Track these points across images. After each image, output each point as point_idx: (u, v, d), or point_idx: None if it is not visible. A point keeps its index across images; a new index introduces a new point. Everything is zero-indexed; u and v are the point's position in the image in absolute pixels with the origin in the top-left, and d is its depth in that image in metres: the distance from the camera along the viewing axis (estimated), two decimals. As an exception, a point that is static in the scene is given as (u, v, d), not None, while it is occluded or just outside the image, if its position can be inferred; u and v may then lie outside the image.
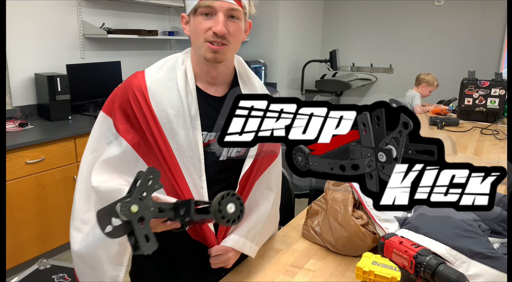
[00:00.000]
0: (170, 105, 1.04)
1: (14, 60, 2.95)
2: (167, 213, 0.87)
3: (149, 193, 0.83)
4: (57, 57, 3.23)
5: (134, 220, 0.80)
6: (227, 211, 0.85)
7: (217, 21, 0.98)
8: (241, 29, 1.04)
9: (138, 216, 0.81)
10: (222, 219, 0.85)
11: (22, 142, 2.47)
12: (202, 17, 1.00)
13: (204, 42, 1.01)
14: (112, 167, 1.07)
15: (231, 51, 1.05)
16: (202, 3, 0.99)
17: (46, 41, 3.14)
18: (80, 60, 3.40)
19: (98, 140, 1.10)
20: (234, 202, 0.87)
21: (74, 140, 2.77)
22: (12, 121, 2.80)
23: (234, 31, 1.01)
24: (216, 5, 0.98)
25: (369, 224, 1.27)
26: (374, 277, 1.07)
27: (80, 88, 3.24)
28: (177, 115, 1.04)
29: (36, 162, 2.55)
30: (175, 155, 1.04)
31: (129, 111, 1.06)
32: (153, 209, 0.83)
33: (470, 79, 3.31)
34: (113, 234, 0.80)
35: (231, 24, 1.01)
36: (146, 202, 0.82)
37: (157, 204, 0.84)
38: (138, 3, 3.72)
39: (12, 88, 2.97)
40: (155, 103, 1.04)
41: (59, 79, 2.94)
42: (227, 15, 1.00)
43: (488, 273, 1.02)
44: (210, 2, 0.98)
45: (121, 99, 1.07)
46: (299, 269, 1.20)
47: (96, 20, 3.47)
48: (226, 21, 1.00)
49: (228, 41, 1.01)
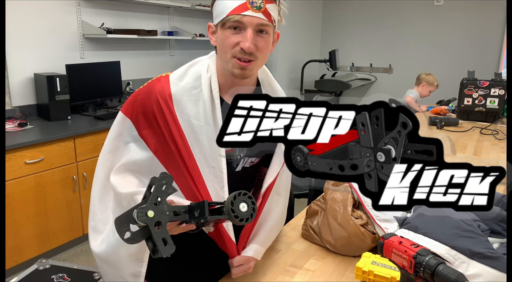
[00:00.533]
0: (195, 115, 1.03)
1: (13, 60, 2.94)
2: (182, 216, 0.89)
3: (164, 198, 0.86)
4: (57, 57, 3.22)
5: (151, 225, 0.82)
6: (240, 211, 0.87)
7: (245, 37, 0.96)
8: (269, 43, 1.03)
9: (155, 220, 0.83)
10: (235, 219, 0.87)
11: (22, 142, 2.47)
12: (230, 31, 0.98)
13: (231, 57, 0.99)
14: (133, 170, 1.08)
15: (258, 66, 1.04)
16: (231, 17, 0.96)
17: (45, 41, 3.14)
18: (79, 60, 3.40)
19: (116, 140, 1.09)
20: (246, 201, 0.89)
21: (74, 140, 2.77)
22: (12, 121, 2.80)
23: (263, 47, 1.00)
24: (245, 21, 0.96)
25: (369, 224, 1.27)
26: (373, 277, 1.07)
27: (80, 88, 3.24)
28: (200, 126, 1.03)
29: (36, 162, 2.55)
30: (198, 165, 1.03)
31: (152, 117, 1.05)
32: (169, 213, 0.86)
33: (470, 79, 3.31)
34: (132, 240, 0.83)
35: (260, 39, 0.99)
36: (162, 207, 0.85)
37: (172, 207, 0.87)
38: (137, 3, 3.72)
39: (12, 88, 2.96)
40: (179, 113, 1.03)
41: (59, 79, 2.94)
42: (256, 30, 0.98)
43: (487, 273, 1.02)
44: (239, 17, 0.95)
45: (144, 104, 1.06)
46: (299, 269, 1.20)
47: (95, 20, 3.47)
48: (255, 36, 0.98)
49: (256, 57, 1.00)
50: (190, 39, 4.18)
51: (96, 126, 2.94)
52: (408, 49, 5.55)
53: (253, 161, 1.14)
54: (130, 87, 3.82)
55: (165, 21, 4.17)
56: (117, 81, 3.60)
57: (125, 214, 0.84)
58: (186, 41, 4.37)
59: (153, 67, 4.05)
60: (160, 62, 4.15)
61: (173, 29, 4.20)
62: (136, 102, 1.07)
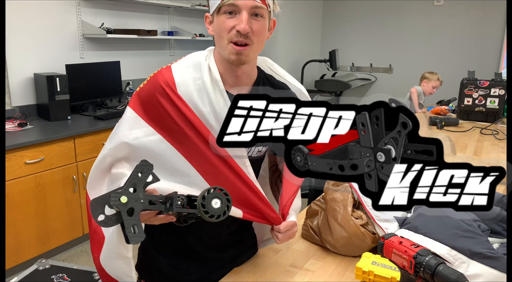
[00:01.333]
0: (202, 104, 1.04)
1: (13, 60, 2.94)
2: (158, 206, 0.88)
3: (140, 185, 0.85)
4: (56, 57, 3.22)
5: (123, 211, 0.83)
6: (211, 206, 0.86)
7: (240, 20, 0.97)
8: (265, 27, 1.03)
9: (128, 207, 0.83)
10: (205, 214, 0.85)
11: (22, 142, 2.47)
12: (226, 15, 0.99)
13: (228, 43, 1.00)
14: None
15: (255, 51, 1.03)
16: (225, 1, 0.97)
17: (45, 41, 3.14)
18: (79, 60, 3.40)
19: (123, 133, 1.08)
20: (220, 197, 0.87)
21: (74, 140, 2.77)
22: (12, 121, 2.80)
23: (258, 30, 1.00)
24: (239, 3, 0.97)
25: (369, 224, 1.27)
26: (373, 277, 1.07)
27: (80, 88, 3.24)
28: (209, 113, 1.04)
29: (36, 162, 2.55)
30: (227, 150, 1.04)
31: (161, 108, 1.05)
32: (143, 201, 0.85)
33: (470, 79, 3.31)
34: (105, 223, 0.83)
35: (255, 22, 1.00)
36: (137, 194, 0.85)
37: (148, 196, 0.86)
38: (137, 3, 3.72)
39: (12, 88, 2.96)
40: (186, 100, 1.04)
41: (59, 79, 2.94)
42: (251, 13, 0.98)
43: (487, 273, 1.02)
44: (233, 0, 0.97)
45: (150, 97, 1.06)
46: (299, 269, 1.20)
47: (95, 20, 3.47)
48: (250, 19, 0.98)
49: (252, 41, 1.00)
50: (190, 39, 4.18)
51: (96, 126, 2.94)
52: (408, 49, 5.55)
53: (260, 151, 1.14)
54: (130, 87, 3.82)
55: (165, 21, 4.17)
56: (117, 81, 3.60)
57: (101, 196, 0.84)
58: (186, 41, 4.37)
59: (153, 67, 4.03)
60: (160, 62, 4.15)
61: (173, 29, 4.20)
62: (142, 98, 1.08)
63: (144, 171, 0.87)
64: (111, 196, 0.82)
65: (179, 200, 0.88)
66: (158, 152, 1.07)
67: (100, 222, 0.83)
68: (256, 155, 1.14)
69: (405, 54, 5.57)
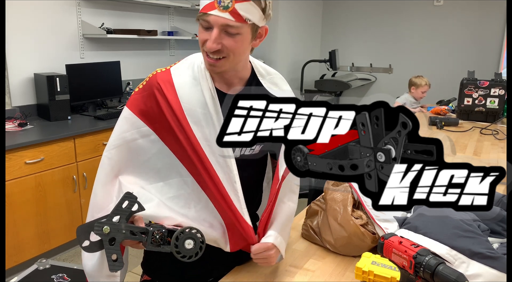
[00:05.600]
0: (198, 104, 1.05)
1: (13, 60, 2.94)
2: (138, 237, 0.92)
3: (123, 216, 0.90)
4: (57, 57, 3.22)
5: (105, 240, 0.88)
6: (184, 247, 0.90)
7: (210, 36, 0.97)
8: (242, 42, 1.01)
9: (109, 237, 0.88)
10: (177, 254, 0.90)
11: (22, 142, 2.47)
12: (202, 27, 1.00)
13: (204, 52, 1.02)
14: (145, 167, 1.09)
15: (231, 62, 1.02)
16: (201, 15, 0.98)
17: (45, 41, 3.14)
18: (79, 60, 3.40)
19: (122, 136, 1.09)
20: (193, 238, 0.91)
21: (74, 140, 2.77)
22: (12, 121, 2.80)
23: (231, 45, 0.99)
24: (211, 20, 0.96)
25: (369, 224, 1.27)
26: (373, 277, 1.07)
27: (80, 88, 3.24)
28: (204, 113, 1.05)
29: (36, 162, 2.55)
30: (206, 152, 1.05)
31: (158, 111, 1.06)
32: (125, 232, 0.90)
33: (470, 79, 3.31)
34: (89, 249, 0.89)
35: (228, 39, 0.98)
36: (119, 225, 0.89)
37: (129, 227, 0.91)
38: (137, 3, 3.72)
39: (12, 88, 2.96)
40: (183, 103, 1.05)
41: (59, 79, 2.94)
42: (223, 30, 0.97)
43: (487, 273, 1.02)
44: (206, 16, 0.96)
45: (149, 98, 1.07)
46: (299, 269, 1.20)
47: (95, 20, 3.47)
48: (223, 35, 0.97)
49: (226, 54, 1.00)
50: (190, 39, 4.18)
51: (96, 126, 2.94)
52: (408, 49, 5.55)
53: (252, 149, 1.13)
54: (130, 87, 3.82)
55: (165, 21, 4.17)
56: (117, 81, 3.60)
57: (88, 223, 0.89)
58: (186, 41, 4.37)
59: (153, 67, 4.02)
60: (160, 62, 4.15)
61: (173, 29, 4.20)
62: (142, 99, 1.08)
63: (128, 202, 0.91)
64: (95, 225, 0.87)
65: (157, 234, 0.92)
66: (154, 153, 1.08)
67: (84, 248, 0.88)
68: (248, 153, 1.13)
69: (405, 54, 5.57)
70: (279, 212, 1.16)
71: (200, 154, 1.04)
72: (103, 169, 1.10)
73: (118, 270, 0.88)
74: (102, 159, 1.10)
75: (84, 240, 0.89)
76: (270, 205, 1.11)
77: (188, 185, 1.07)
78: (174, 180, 1.08)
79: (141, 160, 1.09)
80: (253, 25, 1.00)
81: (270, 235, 1.10)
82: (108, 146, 1.10)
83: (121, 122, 1.10)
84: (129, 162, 1.10)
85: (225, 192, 1.05)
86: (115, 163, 1.09)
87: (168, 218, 1.03)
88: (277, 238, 1.11)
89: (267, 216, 1.11)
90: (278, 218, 1.14)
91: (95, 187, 1.10)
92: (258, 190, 1.26)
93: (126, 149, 1.09)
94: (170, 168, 1.08)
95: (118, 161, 1.09)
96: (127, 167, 1.10)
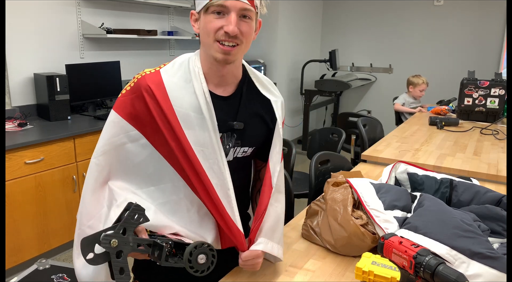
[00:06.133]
0: (191, 108, 1.03)
1: (13, 60, 2.94)
2: (145, 250, 0.92)
3: (131, 229, 0.90)
4: (56, 57, 3.23)
5: (112, 253, 0.87)
6: (197, 262, 0.91)
7: (229, 21, 0.96)
8: (253, 29, 1.03)
9: (117, 250, 0.88)
10: (190, 269, 0.90)
11: (22, 142, 2.47)
12: (214, 15, 0.98)
13: (214, 41, 0.99)
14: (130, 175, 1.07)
15: (242, 51, 1.03)
16: (214, 1, 0.96)
17: (45, 41, 3.14)
18: (79, 60, 3.40)
19: (110, 141, 1.06)
20: (206, 253, 0.92)
21: (74, 140, 2.77)
22: (12, 121, 2.80)
23: (246, 31, 1.00)
24: (229, 5, 0.96)
25: (369, 224, 1.27)
26: (373, 277, 1.07)
27: (79, 88, 3.24)
28: (197, 117, 1.03)
29: (36, 162, 2.55)
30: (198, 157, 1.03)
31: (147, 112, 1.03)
32: (132, 245, 0.89)
33: (470, 79, 3.31)
34: (93, 261, 0.88)
35: (243, 24, 0.99)
36: (127, 238, 0.89)
37: (136, 240, 0.90)
38: (137, 3, 3.72)
39: (12, 88, 2.96)
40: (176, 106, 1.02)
41: (58, 79, 2.94)
42: (239, 14, 0.98)
43: (487, 273, 1.02)
44: (223, 1, 0.96)
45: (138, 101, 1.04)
46: (299, 269, 1.20)
47: (95, 20, 3.47)
48: (238, 21, 0.98)
49: (240, 41, 1.00)
50: (190, 39, 4.18)
51: (96, 126, 2.93)
52: (408, 49, 5.55)
53: (245, 151, 1.13)
54: (130, 87, 3.82)
55: (165, 21, 4.17)
56: (117, 81, 3.60)
57: (93, 235, 0.88)
58: (186, 41, 4.37)
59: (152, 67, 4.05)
60: (160, 62, 4.14)
61: (173, 29, 4.20)
62: (130, 101, 1.05)
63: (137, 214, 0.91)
64: (102, 238, 0.86)
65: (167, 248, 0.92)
66: (144, 158, 1.06)
67: (88, 260, 0.87)
68: (241, 156, 1.13)
69: (405, 54, 5.58)
70: (267, 216, 1.14)
71: (193, 159, 1.02)
72: (92, 176, 1.07)
73: None
74: (90, 165, 1.08)
75: (89, 252, 0.88)
76: (261, 212, 1.10)
77: (180, 190, 1.06)
78: (166, 185, 1.06)
79: (130, 165, 1.06)
80: (256, 15, 1.03)
81: (259, 243, 1.10)
82: (96, 152, 1.07)
83: (108, 127, 1.06)
84: (119, 167, 1.07)
85: (218, 199, 1.04)
86: (104, 169, 1.06)
87: (166, 227, 1.02)
88: (267, 244, 1.11)
89: (259, 225, 1.10)
90: (267, 223, 1.13)
91: (83, 194, 1.07)
92: (249, 191, 1.27)
93: (115, 155, 1.06)
94: (161, 173, 1.06)
95: (107, 167, 1.07)
96: (117, 173, 1.07)
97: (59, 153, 2.69)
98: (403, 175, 1.62)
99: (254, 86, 1.15)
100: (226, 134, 1.08)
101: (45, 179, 2.62)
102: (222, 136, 1.08)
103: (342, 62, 5.96)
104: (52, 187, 2.67)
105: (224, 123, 1.07)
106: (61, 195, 2.74)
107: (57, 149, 2.67)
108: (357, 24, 5.82)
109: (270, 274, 1.17)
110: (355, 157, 3.47)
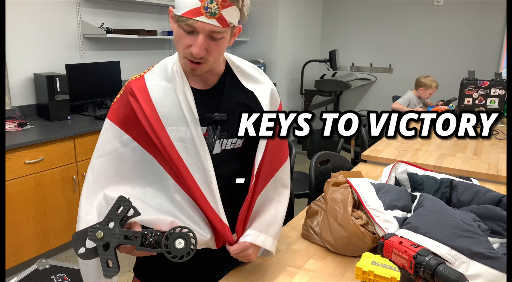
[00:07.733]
0: (173, 106, 1.04)
1: (13, 60, 2.94)
2: (133, 241, 0.90)
3: (117, 221, 0.89)
4: (56, 57, 3.23)
5: (99, 245, 0.87)
6: (174, 247, 0.87)
7: (196, 42, 0.95)
8: (224, 44, 1.01)
9: (103, 242, 0.87)
10: (168, 254, 0.87)
11: (22, 142, 2.47)
12: (183, 31, 0.97)
13: (183, 57, 1.00)
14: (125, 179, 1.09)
15: (211, 65, 1.03)
16: (184, 19, 0.94)
17: (45, 41, 3.14)
18: (79, 60, 3.40)
19: (105, 146, 1.09)
20: (184, 237, 0.88)
21: (74, 140, 2.77)
22: (12, 121, 2.80)
23: (214, 50, 0.99)
24: (198, 26, 0.94)
25: (369, 224, 1.27)
26: (373, 277, 1.07)
27: (79, 88, 3.24)
28: (178, 114, 1.04)
29: (36, 162, 2.55)
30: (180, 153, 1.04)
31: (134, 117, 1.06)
32: (119, 237, 0.88)
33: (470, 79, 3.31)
34: (85, 256, 0.88)
35: (212, 43, 0.97)
36: (113, 229, 0.88)
37: (123, 231, 0.89)
38: (137, 3, 3.72)
39: (11, 88, 2.96)
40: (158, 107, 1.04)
41: (58, 79, 2.94)
42: (208, 35, 0.96)
43: (487, 273, 1.02)
44: (192, 21, 0.93)
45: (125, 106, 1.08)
46: (299, 269, 1.20)
47: (95, 20, 3.47)
48: (207, 40, 0.96)
49: (206, 60, 0.99)
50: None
51: (96, 126, 2.94)
52: (408, 49, 5.55)
53: (234, 142, 1.12)
54: (130, 87, 3.82)
55: (165, 21, 4.17)
56: (117, 81, 3.60)
57: (83, 230, 0.88)
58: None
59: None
60: (160, 62, 4.15)
61: (173, 29, 4.20)
62: (120, 108, 1.09)
63: (122, 206, 0.90)
64: (89, 231, 0.87)
65: (151, 237, 0.90)
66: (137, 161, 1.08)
67: (80, 255, 0.87)
68: (230, 148, 1.11)
69: (405, 54, 5.58)
70: (265, 210, 1.14)
71: (174, 156, 1.03)
72: (87, 181, 1.10)
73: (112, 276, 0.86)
74: (87, 171, 1.11)
75: (80, 247, 0.88)
76: (247, 203, 1.09)
77: (170, 187, 1.07)
78: (161, 184, 1.08)
79: (125, 169, 1.09)
80: (233, 27, 1.00)
81: (248, 235, 1.09)
82: (92, 158, 1.11)
83: (103, 134, 1.10)
84: (114, 172, 1.09)
85: (200, 192, 1.04)
86: (99, 174, 1.09)
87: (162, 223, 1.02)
88: (258, 236, 1.10)
89: (244, 215, 1.10)
90: (262, 216, 1.13)
91: (80, 199, 1.10)
92: None
93: (109, 160, 1.08)
94: (155, 173, 1.07)
95: (102, 172, 1.09)
96: (113, 178, 1.09)
97: (59, 153, 2.69)
98: (403, 175, 1.62)
99: (238, 79, 1.14)
100: (211, 127, 1.08)
101: (45, 179, 2.62)
102: (208, 129, 1.08)
103: (342, 62, 5.96)
104: (52, 187, 2.67)
105: (207, 116, 1.07)
106: (61, 195, 2.74)
107: (57, 149, 2.67)
108: (357, 24, 5.82)
109: (270, 274, 1.17)
110: (355, 157, 3.47)
